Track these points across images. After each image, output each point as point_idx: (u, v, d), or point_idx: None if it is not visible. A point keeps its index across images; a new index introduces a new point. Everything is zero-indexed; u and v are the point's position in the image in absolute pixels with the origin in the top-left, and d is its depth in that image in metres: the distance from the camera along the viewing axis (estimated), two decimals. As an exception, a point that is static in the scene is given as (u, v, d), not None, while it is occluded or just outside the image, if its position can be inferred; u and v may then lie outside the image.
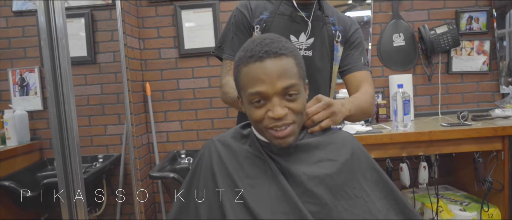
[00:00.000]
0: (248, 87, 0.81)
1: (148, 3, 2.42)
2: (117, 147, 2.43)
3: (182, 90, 2.46)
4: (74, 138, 1.61)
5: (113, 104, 2.41)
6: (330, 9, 1.35)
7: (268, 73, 0.79)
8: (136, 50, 2.38)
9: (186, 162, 2.33)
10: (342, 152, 0.89)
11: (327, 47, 1.31)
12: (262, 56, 0.80)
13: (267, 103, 0.82)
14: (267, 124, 0.83)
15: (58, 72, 1.61)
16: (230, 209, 0.82)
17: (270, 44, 0.81)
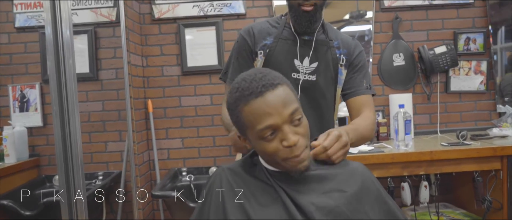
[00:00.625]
0: (257, 124, 0.81)
1: (152, 21, 2.44)
2: (117, 164, 2.41)
3: (184, 108, 2.47)
4: (78, 156, 1.62)
5: (114, 121, 2.40)
6: (333, 32, 1.36)
7: (273, 105, 0.80)
8: (139, 67, 2.40)
9: (187, 180, 2.32)
10: (352, 182, 0.89)
11: (331, 71, 1.31)
12: (261, 91, 0.80)
13: (278, 134, 0.82)
14: (283, 155, 0.83)
15: (63, 88, 1.62)
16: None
17: (263, 78, 0.82)
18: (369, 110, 1.30)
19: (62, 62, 1.60)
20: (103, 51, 2.41)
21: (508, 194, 1.92)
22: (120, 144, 2.41)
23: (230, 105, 0.86)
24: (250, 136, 0.86)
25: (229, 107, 0.87)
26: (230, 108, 0.87)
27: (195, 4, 2.41)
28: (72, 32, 1.63)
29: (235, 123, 0.88)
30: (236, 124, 0.88)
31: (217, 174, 0.96)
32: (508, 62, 2.47)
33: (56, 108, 1.59)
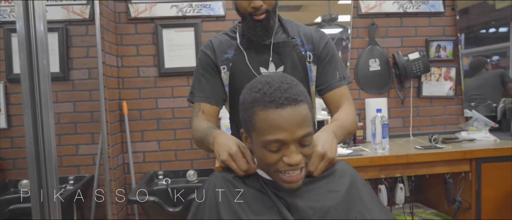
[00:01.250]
0: (267, 134, 0.80)
1: (128, 20, 2.36)
2: (89, 168, 2.31)
3: (161, 110, 2.41)
4: (52, 159, 1.53)
5: (87, 123, 2.30)
6: (294, 29, 1.31)
7: (289, 122, 0.78)
8: (114, 68, 2.31)
9: (164, 183, 2.26)
10: (342, 182, 0.93)
11: (300, 71, 1.27)
12: (283, 103, 0.78)
13: (282, 149, 0.81)
14: (280, 168, 0.83)
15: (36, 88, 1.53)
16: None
17: (289, 90, 0.80)
18: (348, 101, 1.28)
19: (35, 60, 1.51)
20: (74, 50, 2.30)
21: (476, 195, 2.02)
22: (93, 146, 2.31)
23: (245, 101, 0.84)
24: (254, 139, 0.85)
25: (243, 102, 0.85)
26: (244, 104, 0.85)
27: (173, 4, 2.36)
28: (47, 28, 1.54)
29: (244, 119, 0.86)
30: (245, 121, 0.85)
31: (210, 182, 0.94)
32: (468, 68, 2.61)
33: (28, 110, 1.49)
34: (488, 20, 2.65)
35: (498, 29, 2.73)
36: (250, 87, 0.85)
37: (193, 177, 2.29)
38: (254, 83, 0.84)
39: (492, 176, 2.00)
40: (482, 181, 1.99)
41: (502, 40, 2.70)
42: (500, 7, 2.67)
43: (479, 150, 1.99)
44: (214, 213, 0.89)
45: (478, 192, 2.00)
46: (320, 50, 1.28)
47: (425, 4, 2.49)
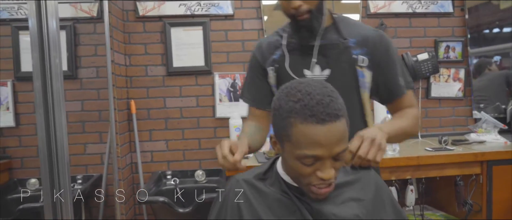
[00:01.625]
0: (304, 148, 0.76)
1: (136, 19, 2.35)
2: (97, 167, 2.31)
3: (169, 109, 2.39)
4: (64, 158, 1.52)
5: (95, 122, 2.29)
6: (350, 29, 1.19)
7: (329, 139, 0.75)
8: (122, 66, 2.30)
9: (172, 183, 2.25)
10: (367, 190, 0.92)
11: (349, 76, 1.18)
12: (325, 119, 0.75)
13: (317, 163, 0.79)
14: (312, 181, 0.81)
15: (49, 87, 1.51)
16: None
17: (330, 105, 0.76)
18: (409, 106, 1.20)
19: (48, 58, 1.50)
20: (83, 48, 2.29)
21: (487, 197, 2.01)
22: (101, 146, 2.30)
23: (281, 109, 0.79)
24: (287, 149, 0.80)
25: (279, 109, 0.80)
26: (279, 111, 0.80)
27: (182, 3, 2.34)
28: (59, 26, 1.53)
29: (278, 127, 0.81)
30: (279, 128, 0.81)
31: (232, 186, 0.93)
32: (474, 69, 2.59)
33: (40, 109, 1.48)
34: (492, 20, 2.63)
35: (502, 29, 2.72)
36: (287, 94, 0.80)
37: (201, 177, 2.28)
38: (292, 90, 0.79)
39: (503, 179, 1.99)
40: (493, 183, 1.99)
41: (506, 41, 2.69)
42: (504, 7, 2.65)
43: (490, 152, 1.99)
44: (235, 216, 0.88)
45: (489, 194, 2.00)
46: (378, 55, 1.17)
47: (434, 4, 2.48)
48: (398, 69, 1.19)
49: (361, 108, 1.22)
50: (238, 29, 2.40)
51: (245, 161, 1.96)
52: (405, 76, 1.20)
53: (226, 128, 2.38)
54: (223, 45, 2.40)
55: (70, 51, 2.26)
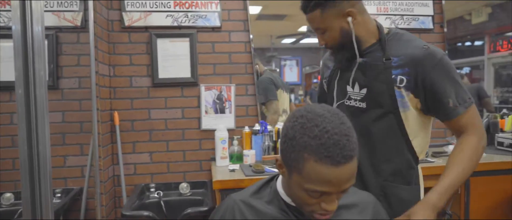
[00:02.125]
0: (314, 184, 0.76)
1: (121, 29, 2.31)
2: (77, 180, 2.23)
3: (154, 121, 2.36)
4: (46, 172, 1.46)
5: (76, 134, 2.23)
6: (399, 46, 1.15)
7: (340, 179, 0.75)
8: (106, 77, 2.25)
9: (156, 196, 2.20)
10: (365, 215, 0.94)
11: (385, 96, 1.15)
12: (340, 161, 0.73)
13: (323, 197, 0.79)
14: (315, 210, 0.81)
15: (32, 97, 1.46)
16: None
17: (346, 146, 0.74)
18: (468, 131, 1.13)
19: (32, 66, 1.45)
20: (65, 58, 2.23)
21: (464, 208, 2.07)
22: (82, 158, 2.24)
23: (295, 140, 0.76)
24: (295, 179, 0.79)
25: (292, 140, 0.77)
26: (292, 142, 0.77)
27: (169, 14, 2.33)
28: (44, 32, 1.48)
29: (289, 156, 0.78)
30: (290, 159, 0.78)
31: (228, 207, 0.91)
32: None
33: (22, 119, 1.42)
34: (464, 35, 2.75)
35: (474, 42, 2.85)
36: (302, 126, 0.76)
37: (186, 189, 2.25)
38: (309, 123, 0.76)
39: (479, 190, 2.06)
40: (470, 194, 2.06)
41: (477, 54, 2.82)
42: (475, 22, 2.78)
43: (470, 165, 2.05)
44: None
45: (467, 205, 2.06)
46: (421, 74, 1.11)
47: (415, 21, 2.56)
48: (448, 89, 1.10)
49: (400, 128, 1.17)
50: (225, 41, 2.40)
51: (231, 174, 1.96)
52: (459, 96, 1.11)
53: (211, 140, 2.37)
54: (210, 57, 2.39)
55: (52, 60, 2.20)
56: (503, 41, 2.81)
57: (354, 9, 1.13)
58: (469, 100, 1.12)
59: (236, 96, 2.42)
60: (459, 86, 1.11)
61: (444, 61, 1.11)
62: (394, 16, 2.54)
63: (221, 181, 1.84)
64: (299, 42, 2.57)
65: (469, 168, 1.09)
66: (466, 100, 1.12)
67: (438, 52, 1.11)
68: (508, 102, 2.78)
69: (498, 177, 2.06)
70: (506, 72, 2.82)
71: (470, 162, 1.09)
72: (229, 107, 2.42)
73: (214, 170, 2.08)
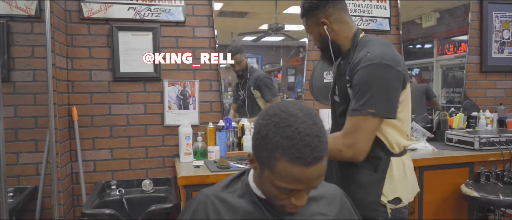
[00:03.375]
0: (284, 182, 0.78)
1: (80, 20, 2.22)
2: (32, 178, 2.12)
3: (115, 116, 2.29)
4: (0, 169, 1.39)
5: (30, 129, 2.11)
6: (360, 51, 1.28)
7: (310, 178, 0.78)
8: (63, 70, 2.15)
9: (118, 194, 2.15)
10: (333, 206, 0.98)
11: (344, 95, 1.32)
12: (311, 162, 0.75)
13: (293, 193, 0.81)
14: (285, 205, 0.84)
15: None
16: None
17: (317, 148, 0.76)
18: (342, 132, 1.26)
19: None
20: (17, 49, 2.10)
21: (419, 200, 2.21)
22: (36, 155, 2.13)
23: (268, 139, 0.78)
24: (266, 175, 0.81)
25: (265, 138, 0.78)
26: (265, 140, 0.78)
27: (131, 7, 2.27)
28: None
29: (261, 154, 0.80)
30: (262, 156, 0.80)
31: (201, 201, 0.92)
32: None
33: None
34: (415, 37, 2.92)
35: (424, 45, 3.03)
36: (276, 125, 0.78)
37: (148, 186, 2.21)
38: (281, 123, 0.77)
39: (432, 183, 2.21)
40: (424, 187, 2.19)
41: (426, 56, 3.01)
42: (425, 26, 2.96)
43: (422, 159, 2.19)
44: None
45: (421, 197, 2.20)
46: (354, 76, 1.24)
47: (374, 22, 2.68)
48: (358, 91, 1.22)
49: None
50: (189, 36, 2.38)
51: (196, 170, 1.95)
52: (363, 103, 1.19)
53: (175, 136, 2.34)
54: (174, 52, 2.36)
55: (2, 51, 2.06)
56: (450, 44, 3.01)
57: (328, 19, 1.34)
58: (364, 110, 1.19)
59: (200, 92, 2.41)
60: (369, 94, 1.19)
61: (369, 68, 1.20)
62: (354, 17, 2.63)
63: (186, 177, 1.83)
64: (260, 40, 2.60)
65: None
66: (361, 109, 1.20)
67: (371, 59, 1.20)
68: (454, 101, 2.99)
69: (448, 170, 2.22)
70: (452, 74, 3.03)
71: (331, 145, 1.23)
72: (193, 103, 2.40)
73: (178, 166, 2.06)
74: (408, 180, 1.36)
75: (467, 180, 2.25)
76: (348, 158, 1.24)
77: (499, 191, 2.08)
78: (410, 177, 1.37)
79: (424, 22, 2.94)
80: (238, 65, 2.46)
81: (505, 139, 2.40)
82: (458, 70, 3.01)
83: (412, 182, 1.38)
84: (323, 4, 1.33)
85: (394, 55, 1.24)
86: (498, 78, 3.04)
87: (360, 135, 1.21)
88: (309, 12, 1.36)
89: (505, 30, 3.03)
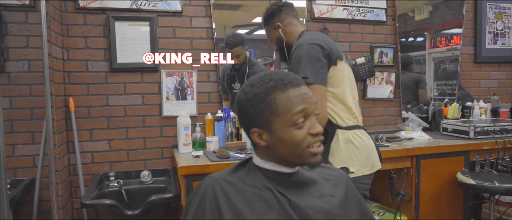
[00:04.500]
0: (293, 108, 0.87)
1: (76, 10, 2.18)
2: (28, 170, 2.10)
3: (112, 107, 2.27)
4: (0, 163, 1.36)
5: (26, 121, 2.08)
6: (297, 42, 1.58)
7: (306, 94, 0.89)
8: (59, 60, 2.12)
9: (116, 185, 2.13)
10: (338, 189, 0.99)
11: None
12: (299, 83, 0.90)
13: (307, 123, 0.88)
14: (309, 142, 0.88)
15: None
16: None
17: (295, 77, 0.92)
18: None
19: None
20: (11, 39, 2.06)
21: (416, 188, 2.24)
22: (33, 147, 2.10)
23: (257, 94, 0.88)
24: (277, 125, 0.87)
25: (255, 97, 0.89)
26: (255, 97, 0.89)
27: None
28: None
29: (256, 114, 0.89)
30: (258, 114, 0.89)
31: (209, 185, 0.91)
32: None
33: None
34: (408, 30, 2.93)
35: (416, 38, 3.05)
36: (259, 81, 0.90)
37: (147, 177, 2.20)
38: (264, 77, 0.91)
39: (428, 171, 2.24)
40: (421, 175, 2.23)
41: (418, 49, 3.03)
42: (418, 19, 2.98)
43: (419, 148, 2.22)
44: (216, 215, 0.87)
45: (417, 185, 2.23)
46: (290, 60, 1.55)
47: (370, 12, 2.69)
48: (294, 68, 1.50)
49: None
50: (186, 27, 2.36)
51: (196, 160, 1.95)
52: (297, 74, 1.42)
53: (173, 127, 2.33)
54: (171, 43, 2.34)
55: (-4, 41, 2.02)
56: (442, 37, 3.03)
57: (282, 23, 1.66)
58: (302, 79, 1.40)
59: (198, 83, 2.40)
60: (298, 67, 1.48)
61: (297, 50, 1.51)
62: (351, 8, 2.64)
63: (186, 166, 1.83)
64: (253, 33, 2.59)
65: None
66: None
67: (299, 43, 1.53)
68: (445, 94, 3.02)
69: (444, 159, 2.25)
70: (443, 67, 3.06)
71: None
72: (191, 93, 2.39)
73: (178, 156, 2.06)
74: (359, 153, 1.54)
75: (463, 168, 2.28)
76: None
77: (494, 179, 2.11)
78: (362, 150, 1.55)
79: (416, 15, 2.96)
80: (236, 59, 2.38)
81: (499, 127, 2.44)
82: (449, 63, 3.03)
83: (364, 156, 1.56)
84: (278, 11, 1.66)
85: (321, 38, 1.55)
86: (491, 69, 3.09)
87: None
88: (267, 19, 1.70)
89: (499, 21, 3.06)
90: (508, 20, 3.09)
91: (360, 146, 1.55)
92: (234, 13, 2.55)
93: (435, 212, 2.28)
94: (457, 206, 2.33)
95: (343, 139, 1.54)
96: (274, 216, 0.86)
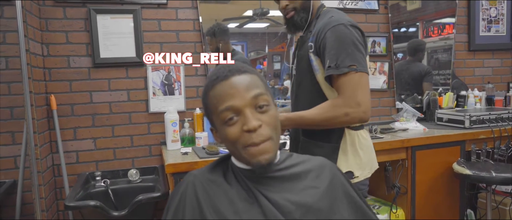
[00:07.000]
0: (218, 106, 0.80)
1: (54, 3, 2.08)
2: (10, 172, 2.01)
3: (96, 104, 2.18)
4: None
5: (5, 120, 1.99)
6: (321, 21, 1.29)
7: (235, 87, 0.80)
8: (39, 56, 2.03)
9: (103, 185, 2.06)
10: (322, 178, 0.91)
11: (305, 62, 1.33)
12: (227, 75, 0.81)
13: (240, 118, 0.80)
14: (244, 141, 0.79)
15: None
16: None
17: (233, 68, 0.83)
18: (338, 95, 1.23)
19: None
20: (-14, 35, 1.97)
21: (411, 180, 2.19)
22: (14, 147, 2.01)
23: (204, 92, 0.86)
24: (216, 124, 0.84)
25: (203, 94, 0.86)
26: (203, 96, 0.87)
27: (110, -12, 2.14)
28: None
29: (206, 112, 0.88)
30: (206, 112, 0.87)
31: (189, 183, 0.86)
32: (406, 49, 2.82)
33: None
34: (401, 20, 2.87)
35: (408, 29, 2.99)
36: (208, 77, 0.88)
37: (135, 176, 2.12)
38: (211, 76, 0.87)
39: (424, 162, 2.19)
40: (416, 167, 2.17)
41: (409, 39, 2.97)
42: (411, 9, 2.92)
43: (414, 139, 2.17)
44: (196, 214, 0.82)
45: (413, 177, 2.18)
46: (319, 40, 1.25)
47: (362, 1, 2.62)
48: (331, 51, 1.20)
49: (317, 91, 1.32)
50: (172, 19, 2.27)
51: (184, 157, 1.88)
52: (339, 59, 1.18)
53: (160, 123, 2.25)
54: (156, 36, 2.25)
55: (-29, 38, 1.92)
56: (434, 27, 2.98)
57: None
58: (350, 67, 1.18)
59: (186, 77, 2.32)
60: (343, 52, 1.19)
61: (339, 28, 1.21)
62: (343, -4, 2.57)
63: (173, 164, 1.76)
64: (244, 26, 2.51)
65: (320, 119, 1.24)
66: (344, 66, 1.18)
67: (338, 21, 1.22)
68: (438, 84, 2.97)
69: (439, 149, 2.20)
70: (435, 56, 3.00)
71: (322, 115, 1.24)
72: (179, 88, 2.31)
73: (166, 154, 1.98)
74: (365, 157, 1.36)
75: (459, 158, 2.24)
76: (359, 119, 1.22)
77: (491, 168, 2.07)
78: (367, 154, 1.37)
79: (408, 5, 2.89)
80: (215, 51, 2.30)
81: (495, 116, 2.40)
82: (442, 52, 2.98)
83: (368, 159, 1.38)
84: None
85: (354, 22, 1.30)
86: (485, 57, 3.04)
87: (361, 91, 1.20)
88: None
89: (492, 8, 3.01)
90: (502, 6, 3.04)
91: (365, 148, 1.39)
92: (224, 6, 2.47)
93: (431, 203, 2.23)
94: (453, 197, 2.29)
95: (350, 139, 1.33)
96: (256, 215, 0.81)
